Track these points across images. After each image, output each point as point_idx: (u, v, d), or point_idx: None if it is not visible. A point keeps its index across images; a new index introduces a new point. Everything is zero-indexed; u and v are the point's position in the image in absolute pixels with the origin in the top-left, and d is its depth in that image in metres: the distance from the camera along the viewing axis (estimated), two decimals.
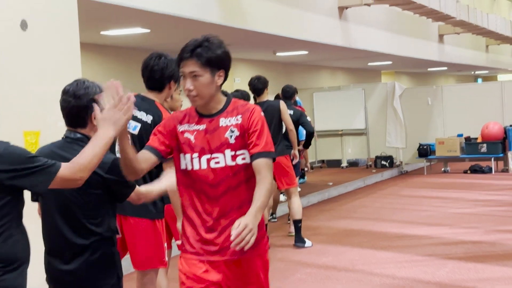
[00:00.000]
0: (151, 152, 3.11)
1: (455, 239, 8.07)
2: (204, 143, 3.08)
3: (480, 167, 15.41)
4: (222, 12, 9.22)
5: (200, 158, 3.08)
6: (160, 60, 4.27)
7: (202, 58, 3.04)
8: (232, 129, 3.08)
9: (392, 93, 16.50)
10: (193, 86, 3.03)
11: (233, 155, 3.07)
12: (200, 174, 3.09)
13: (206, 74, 3.04)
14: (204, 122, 3.12)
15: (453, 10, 14.85)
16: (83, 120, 3.21)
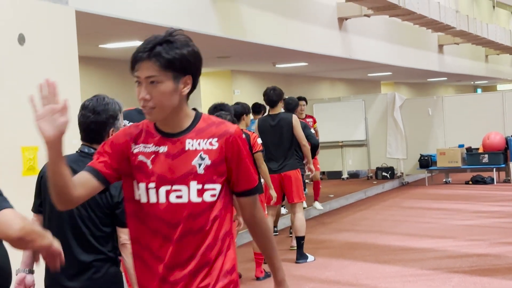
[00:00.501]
0: (92, 175, 2.44)
1: (459, 252, 7.96)
2: (164, 170, 2.42)
3: (482, 177, 15.31)
4: (221, 24, 9.15)
5: (158, 189, 2.42)
6: None
7: (162, 59, 2.37)
8: (202, 156, 2.41)
9: (392, 104, 16.43)
10: (149, 95, 2.37)
11: (200, 189, 2.41)
12: (157, 210, 2.43)
13: (168, 81, 2.37)
14: (166, 143, 2.45)
15: (453, 20, 14.82)
16: (100, 136, 3.19)
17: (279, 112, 7.78)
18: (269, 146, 7.68)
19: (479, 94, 25.07)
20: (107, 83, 11.43)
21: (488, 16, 23.80)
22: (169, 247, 2.42)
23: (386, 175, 16.35)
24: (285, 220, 10.06)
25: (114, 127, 3.20)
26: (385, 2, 11.36)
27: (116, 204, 3.11)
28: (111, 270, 3.15)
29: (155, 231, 2.43)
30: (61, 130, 2.25)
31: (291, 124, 7.71)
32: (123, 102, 3.70)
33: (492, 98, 16.48)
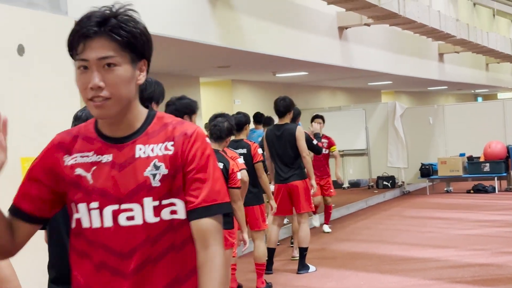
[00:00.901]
0: (18, 219, 1.97)
1: (461, 262, 7.91)
2: (108, 185, 1.90)
3: (484, 186, 15.26)
4: (221, 33, 9.14)
5: (102, 210, 1.90)
6: None
7: (120, 35, 1.85)
8: (156, 164, 1.91)
9: (393, 113, 16.41)
10: (103, 82, 1.84)
11: (157, 206, 1.90)
12: (102, 237, 1.90)
13: (125, 64, 1.88)
14: (110, 151, 1.93)
15: (453, 29, 14.81)
16: None
17: (285, 123, 7.75)
18: (275, 156, 7.67)
19: (480, 102, 25.06)
20: None
21: (488, 25, 23.80)
22: (122, 285, 1.89)
23: (387, 184, 16.31)
24: (286, 230, 10.02)
25: None
26: (385, 11, 11.35)
27: None
28: None
29: (99, 265, 1.91)
30: None
31: (294, 135, 7.68)
32: None
33: (493, 107, 16.46)
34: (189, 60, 11.02)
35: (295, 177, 7.61)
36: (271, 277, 7.53)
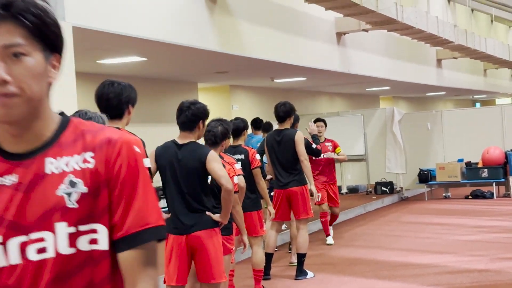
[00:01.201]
0: None
1: (460, 267, 7.90)
2: (12, 212, 1.52)
3: (482, 192, 15.25)
4: (219, 39, 9.14)
5: (6, 242, 1.51)
6: (113, 86, 4.14)
7: (31, 20, 1.50)
8: (72, 181, 1.53)
9: (391, 119, 16.40)
10: (10, 75, 1.47)
11: (73, 234, 1.52)
12: (6, 277, 1.52)
13: (37, 55, 1.52)
14: (14, 170, 1.54)
15: (451, 34, 14.83)
16: None
17: (285, 128, 7.74)
18: (275, 161, 7.66)
19: (478, 108, 25.06)
20: None
21: (486, 31, 23.85)
22: None
23: (385, 189, 16.29)
24: (284, 236, 9.99)
25: None
26: (383, 17, 11.37)
27: None
28: None
29: None
30: None
31: (294, 139, 7.67)
32: None
33: (491, 112, 16.46)
34: (188, 65, 11.02)
35: (294, 183, 7.59)
36: (269, 283, 7.50)
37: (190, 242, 4.79)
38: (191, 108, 4.84)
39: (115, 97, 4.09)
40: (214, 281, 4.83)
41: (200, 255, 4.80)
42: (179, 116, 4.88)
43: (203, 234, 4.78)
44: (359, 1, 10.29)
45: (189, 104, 4.87)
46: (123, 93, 4.11)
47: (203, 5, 8.75)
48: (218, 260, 4.83)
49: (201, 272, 4.84)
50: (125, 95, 4.13)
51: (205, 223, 4.80)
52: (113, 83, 4.14)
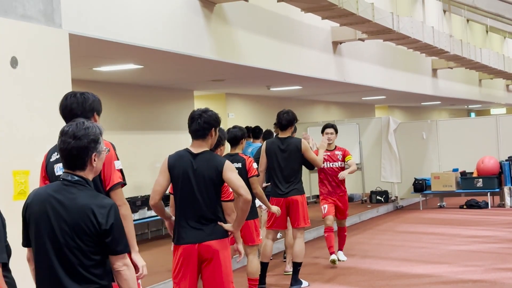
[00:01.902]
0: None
1: (455, 278, 7.89)
2: None
3: (476, 202, 15.26)
4: (215, 47, 9.15)
5: None
6: (75, 97, 4.11)
7: None
8: None
9: (386, 128, 16.41)
10: None
11: None
12: None
13: None
14: None
15: (446, 44, 14.87)
16: (83, 162, 3.10)
17: (288, 136, 7.74)
18: (276, 169, 7.63)
19: (473, 118, 25.12)
20: None
21: (482, 41, 23.93)
22: None
23: (380, 199, 16.29)
24: (279, 245, 9.98)
25: (96, 152, 3.12)
26: (379, 26, 11.39)
27: (104, 232, 3.02)
28: None
29: None
30: None
31: (300, 148, 7.66)
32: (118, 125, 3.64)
33: (486, 122, 16.50)
34: (184, 73, 11.02)
35: (295, 192, 7.57)
36: None
37: (202, 251, 4.74)
38: (203, 116, 4.81)
39: (79, 106, 4.01)
40: None
41: (211, 265, 4.74)
42: (191, 125, 4.84)
43: (215, 244, 4.74)
44: (356, 10, 10.31)
45: (201, 112, 4.84)
46: (86, 102, 4.08)
47: (199, 13, 8.76)
48: (228, 271, 4.79)
49: (210, 283, 4.77)
50: (89, 102, 4.09)
51: (217, 232, 4.76)
52: (75, 94, 4.09)
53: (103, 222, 3.00)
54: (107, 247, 3.05)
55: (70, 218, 3.00)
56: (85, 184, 3.09)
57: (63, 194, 3.06)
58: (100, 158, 3.17)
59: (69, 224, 3.00)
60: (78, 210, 3.01)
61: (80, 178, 3.09)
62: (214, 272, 4.72)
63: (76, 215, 3.00)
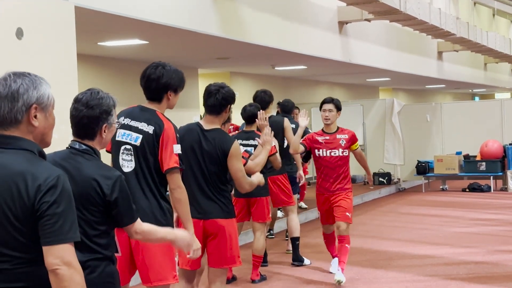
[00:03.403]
0: None
1: (457, 259, 7.90)
2: None
3: (479, 185, 15.26)
4: (221, 24, 9.09)
5: None
6: (156, 70, 4.14)
7: None
8: None
9: (390, 110, 16.38)
10: None
11: None
12: None
13: None
14: None
15: (453, 27, 14.78)
16: (93, 132, 3.07)
17: (270, 115, 7.71)
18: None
19: (478, 101, 25.03)
20: (105, 81, 11.35)
21: (488, 24, 23.79)
22: None
23: (383, 180, 16.29)
24: (281, 224, 9.99)
25: (107, 123, 3.08)
26: (386, 6, 11.31)
27: (109, 203, 2.99)
28: (108, 270, 3.04)
29: None
30: None
31: (282, 127, 7.66)
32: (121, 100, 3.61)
33: (491, 106, 16.45)
34: (189, 50, 10.96)
35: (276, 171, 7.49)
36: (266, 270, 7.50)
37: (207, 226, 4.72)
38: (220, 92, 4.74)
39: (154, 80, 4.13)
40: (226, 265, 4.79)
41: (217, 239, 4.71)
42: (207, 99, 4.77)
43: (221, 220, 4.71)
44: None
45: (218, 87, 4.77)
46: (162, 78, 4.14)
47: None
48: (234, 245, 4.75)
49: (215, 256, 4.75)
50: (164, 79, 4.14)
51: (222, 212, 4.72)
52: (158, 66, 4.21)
53: (108, 193, 2.98)
54: (113, 218, 3.04)
55: (76, 187, 2.98)
56: (93, 154, 3.07)
57: (69, 163, 3.04)
58: (110, 130, 3.13)
59: (74, 193, 2.98)
60: (84, 179, 2.99)
61: (88, 148, 3.07)
62: (219, 246, 4.70)
63: (82, 185, 2.98)
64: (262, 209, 6.83)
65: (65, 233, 2.39)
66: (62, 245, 2.38)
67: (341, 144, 6.84)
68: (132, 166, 4.03)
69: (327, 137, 6.84)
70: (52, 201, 2.38)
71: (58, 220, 2.38)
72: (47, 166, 2.49)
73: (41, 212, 2.38)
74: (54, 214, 2.38)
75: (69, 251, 2.40)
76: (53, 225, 2.37)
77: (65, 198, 2.43)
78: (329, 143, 6.81)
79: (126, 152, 4.06)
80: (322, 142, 6.81)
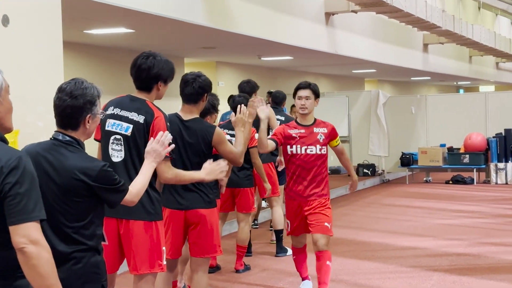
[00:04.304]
0: None
1: (439, 250, 7.98)
2: None
3: (462, 177, 15.38)
4: (208, 13, 9.08)
5: None
6: (147, 59, 4.13)
7: None
8: None
9: (376, 101, 16.44)
10: None
11: None
12: None
13: None
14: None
15: (439, 19, 14.85)
16: (76, 122, 3.05)
17: None
18: None
19: (463, 94, 25.17)
20: (91, 69, 11.31)
21: (474, 17, 23.88)
22: None
23: (367, 172, 16.37)
24: (265, 214, 10.03)
25: (91, 113, 3.06)
26: None
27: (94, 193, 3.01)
28: (93, 260, 3.04)
29: None
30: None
31: None
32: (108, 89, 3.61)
33: (475, 99, 16.56)
34: (175, 39, 10.94)
35: (268, 159, 7.55)
36: (250, 260, 7.53)
37: (188, 216, 4.73)
38: (197, 80, 4.72)
39: (145, 70, 4.10)
40: (207, 255, 4.81)
41: (197, 228, 4.73)
42: (184, 88, 4.76)
43: (202, 210, 4.73)
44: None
45: (195, 76, 4.74)
46: (153, 68, 4.11)
47: None
48: (215, 235, 4.79)
49: (197, 247, 4.76)
50: (155, 70, 4.11)
51: (204, 202, 4.73)
52: (149, 56, 4.15)
53: (92, 183, 2.99)
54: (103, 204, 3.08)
55: (60, 178, 2.98)
56: (76, 145, 3.05)
57: (52, 154, 3.02)
58: (95, 120, 3.11)
59: (58, 185, 2.98)
60: (67, 171, 2.98)
61: (72, 139, 3.05)
62: (200, 235, 4.73)
63: (65, 176, 2.97)
64: (247, 199, 6.87)
65: (29, 211, 2.43)
66: (27, 223, 2.42)
67: (319, 139, 5.66)
68: (122, 156, 4.03)
69: (302, 130, 5.66)
70: (14, 182, 2.43)
71: (22, 200, 2.42)
72: (7, 149, 2.52)
73: (4, 193, 2.42)
74: (17, 194, 2.42)
75: (35, 229, 2.44)
76: (17, 205, 2.41)
77: (28, 178, 2.46)
78: (304, 137, 5.64)
79: (116, 142, 4.06)
80: (296, 136, 5.65)
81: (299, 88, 5.69)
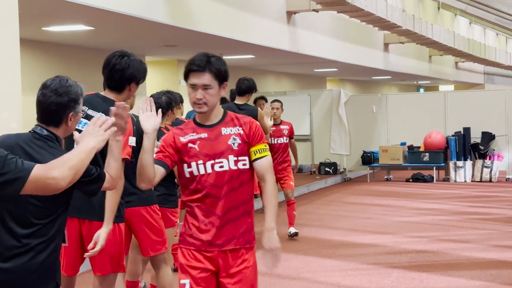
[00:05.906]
0: None
1: (399, 248, 8.05)
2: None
3: (422, 175, 15.56)
4: (168, 11, 9.02)
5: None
6: (122, 59, 4.03)
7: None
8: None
9: (337, 100, 16.55)
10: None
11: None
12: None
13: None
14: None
15: (399, 19, 14.98)
16: (59, 119, 3.05)
17: (245, 103, 7.70)
18: None
19: (422, 93, 25.45)
20: (49, 67, 11.14)
21: (433, 17, 24.16)
22: None
23: (329, 170, 16.46)
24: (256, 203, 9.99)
25: (74, 111, 3.07)
26: None
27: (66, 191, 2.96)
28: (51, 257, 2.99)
29: None
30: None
31: (255, 116, 7.62)
32: None
33: (435, 98, 16.76)
34: (136, 37, 10.84)
35: None
36: None
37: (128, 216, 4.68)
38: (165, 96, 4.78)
39: (119, 70, 4.01)
40: (154, 253, 4.80)
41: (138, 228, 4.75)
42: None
43: (140, 208, 4.72)
44: None
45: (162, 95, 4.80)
46: (128, 69, 4.02)
47: None
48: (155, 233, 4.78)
49: (143, 245, 4.81)
50: (130, 71, 4.02)
51: (142, 198, 4.70)
52: (123, 56, 4.05)
53: None
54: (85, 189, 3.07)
55: None
56: (55, 141, 3.05)
57: (32, 147, 3.00)
58: (76, 119, 3.12)
59: None
60: None
61: (51, 134, 3.05)
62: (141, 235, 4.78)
63: None
64: None
65: None
66: None
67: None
68: None
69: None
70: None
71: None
72: None
73: None
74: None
75: None
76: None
77: None
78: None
79: None
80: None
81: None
